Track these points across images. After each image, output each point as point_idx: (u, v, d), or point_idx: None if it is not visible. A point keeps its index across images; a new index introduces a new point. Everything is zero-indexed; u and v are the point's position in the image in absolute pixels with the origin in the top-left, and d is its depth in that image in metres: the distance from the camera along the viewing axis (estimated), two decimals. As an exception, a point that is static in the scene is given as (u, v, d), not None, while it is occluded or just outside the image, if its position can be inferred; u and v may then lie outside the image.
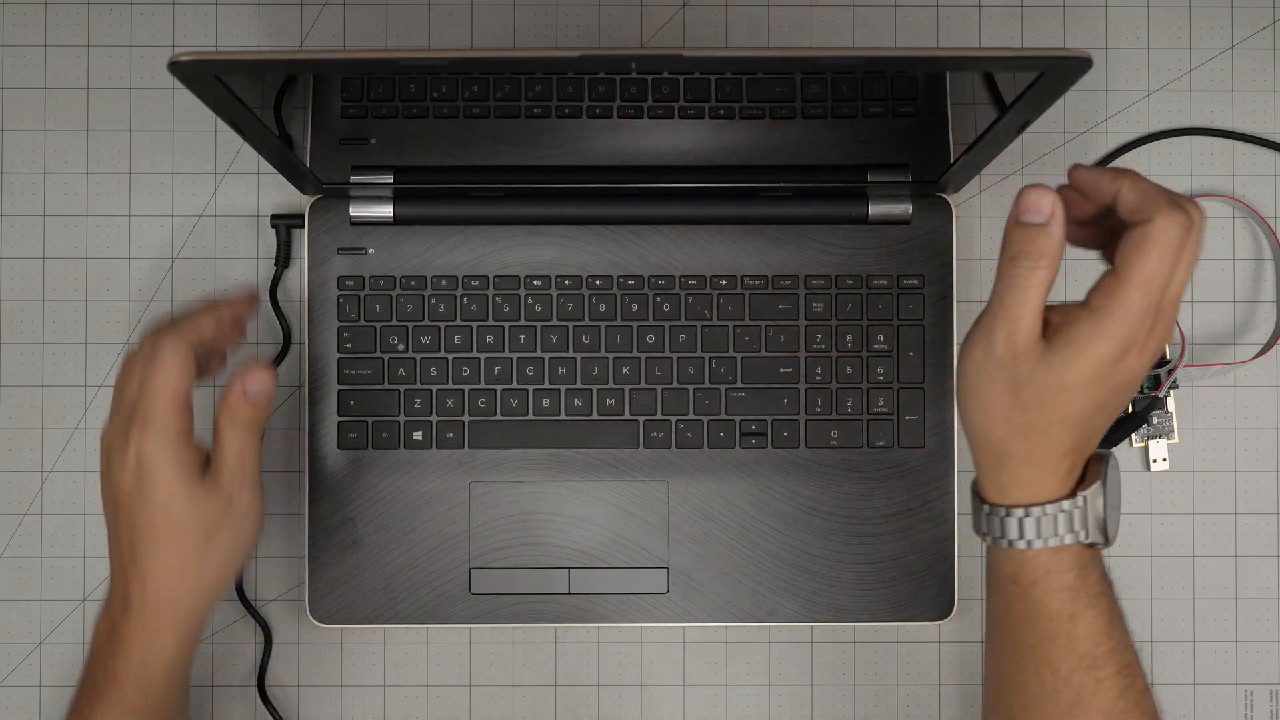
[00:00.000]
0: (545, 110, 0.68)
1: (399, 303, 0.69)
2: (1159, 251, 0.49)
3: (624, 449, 0.68)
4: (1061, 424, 0.52)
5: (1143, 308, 0.50)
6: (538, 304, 0.69)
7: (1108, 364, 0.51)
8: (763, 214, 0.68)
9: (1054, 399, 0.51)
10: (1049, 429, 0.52)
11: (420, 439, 0.68)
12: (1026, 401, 0.52)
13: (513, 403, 0.68)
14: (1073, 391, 0.51)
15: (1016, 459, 0.53)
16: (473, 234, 0.69)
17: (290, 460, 0.70)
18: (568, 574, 0.68)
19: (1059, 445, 0.53)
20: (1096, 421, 0.53)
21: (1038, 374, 0.51)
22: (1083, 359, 0.51)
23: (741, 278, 0.69)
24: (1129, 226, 0.51)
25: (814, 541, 0.68)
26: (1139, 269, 0.49)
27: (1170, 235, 0.49)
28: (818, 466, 0.68)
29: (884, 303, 0.69)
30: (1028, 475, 0.53)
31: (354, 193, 0.68)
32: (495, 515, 0.68)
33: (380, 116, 0.67)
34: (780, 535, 0.68)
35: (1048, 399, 0.51)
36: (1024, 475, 0.53)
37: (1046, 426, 0.52)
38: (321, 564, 0.68)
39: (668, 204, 0.68)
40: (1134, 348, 0.51)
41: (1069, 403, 0.51)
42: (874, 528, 0.68)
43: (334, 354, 0.69)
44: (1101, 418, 0.53)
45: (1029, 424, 0.52)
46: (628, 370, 0.69)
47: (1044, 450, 0.53)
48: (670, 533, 0.68)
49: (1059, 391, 0.51)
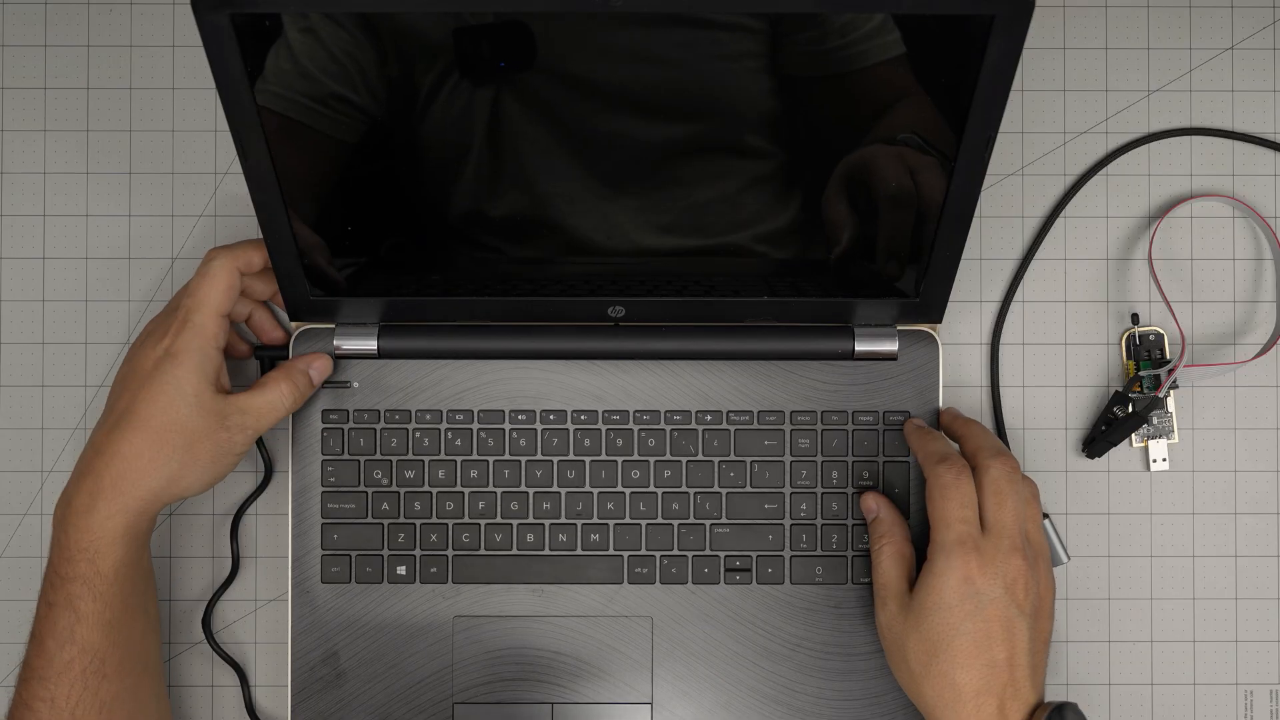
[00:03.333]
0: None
1: (383, 436, 0.69)
2: (937, 494, 0.61)
3: (608, 584, 0.68)
4: (951, 660, 0.59)
5: (954, 538, 0.59)
6: (522, 438, 0.69)
7: (955, 593, 0.59)
8: (748, 349, 0.68)
9: (933, 637, 0.59)
10: (948, 670, 0.59)
11: (404, 573, 0.68)
12: (917, 648, 0.60)
13: (497, 537, 0.68)
14: (941, 627, 0.59)
15: (940, 708, 0.59)
16: (457, 367, 0.69)
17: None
18: (551, 709, 0.68)
19: (965, 685, 0.58)
20: (998, 655, 0.58)
21: (909, 620, 0.61)
22: (931, 594, 0.60)
23: (727, 413, 0.69)
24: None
25: (797, 678, 0.68)
26: (933, 512, 0.61)
27: (940, 481, 0.61)
28: (802, 602, 0.68)
29: (870, 439, 0.69)
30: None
31: (339, 324, 0.68)
32: (479, 650, 0.68)
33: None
34: (764, 671, 0.68)
35: (928, 639, 0.59)
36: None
37: (944, 669, 0.59)
38: (305, 697, 0.68)
39: (653, 338, 0.68)
40: (974, 574, 0.59)
41: (948, 637, 0.59)
42: (857, 664, 0.68)
43: (318, 487, 0.68)
44: (998, 650, 0.58)
45: (929, 669, 0.59)
46: (612, 505, 0.68)
47: (952, 693, 0.59)
48: (654, 668, 0.68)
49: (933, 630, 0.59)
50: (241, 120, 0.57)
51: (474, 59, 0.55)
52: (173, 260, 0.71)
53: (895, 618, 0.62)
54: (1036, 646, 0.60)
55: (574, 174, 0.60)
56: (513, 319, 0.68)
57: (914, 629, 0.60)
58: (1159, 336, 0.70)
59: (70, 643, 0.60)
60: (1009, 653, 0.59)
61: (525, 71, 0.56)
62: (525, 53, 0.55)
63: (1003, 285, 0.71)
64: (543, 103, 0.57)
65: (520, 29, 0.54)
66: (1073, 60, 0.72)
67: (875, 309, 0.67)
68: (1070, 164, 0.72)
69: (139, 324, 0.71)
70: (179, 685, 0.70)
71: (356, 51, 0.55)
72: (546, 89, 0.56)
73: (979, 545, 0.59)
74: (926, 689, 0.59)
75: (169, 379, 0.61)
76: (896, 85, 0.56)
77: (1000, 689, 0.58)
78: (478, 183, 0.60)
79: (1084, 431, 0.71)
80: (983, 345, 0.71)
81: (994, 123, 0.57)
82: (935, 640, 0.59)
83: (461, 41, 0.55)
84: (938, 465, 0.62)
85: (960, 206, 0.60)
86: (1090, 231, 0.72)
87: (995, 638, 0.59)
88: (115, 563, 0.61)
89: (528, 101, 0.57)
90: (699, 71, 0.56)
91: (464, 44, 0.55)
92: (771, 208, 0.62)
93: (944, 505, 0.60)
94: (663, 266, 0.64)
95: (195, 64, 0.71)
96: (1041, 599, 0.61)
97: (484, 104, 0.57)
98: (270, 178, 0.59)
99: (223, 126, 0.71)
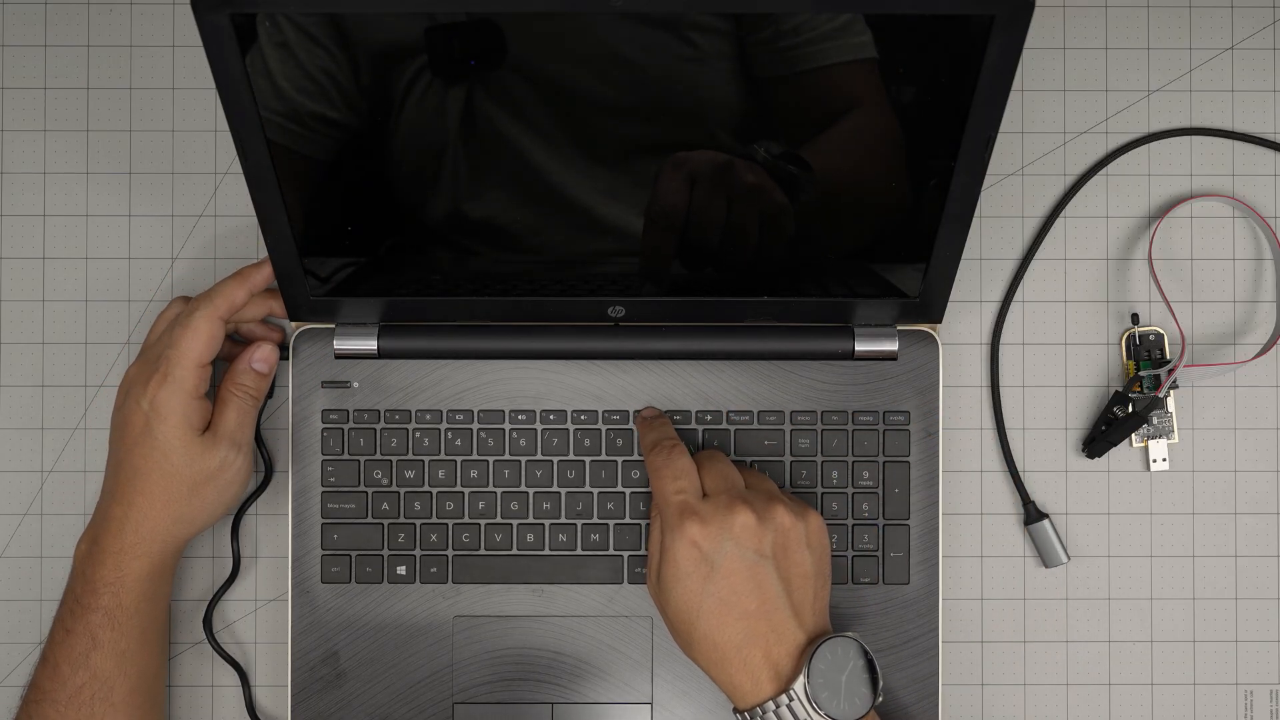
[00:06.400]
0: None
1: (383, 437, 0.69)
2: (653, 477, 0.63)
3: (608, 584, 0.68)
4: (707, 624, 0.59)
5: (673, 511, 0.60)
6: (522, 438, 0.69)
7: (688, 561, 0.59)
8: (748, 349, 0.68)
9: (685, 608, 0.59)
10: (707, 634, 0.59)
11: (404, 573, 0.68)
12: (676, 619, 0.60)
13: (497, 537, 0.68)
14: (687, 595, 0.59)
15: (710, 668, 0.60)
16: (457, 367, 0.69)
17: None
18: (551, 709, 0.68)
19: (726, 643, 0.58)
20: (749, 606, 0.58)
21: (662, 596, 0.61)
22: (668, 567, 0.60)
23: (727, 413, 0.69)
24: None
25: (797, 678, 0.68)
26: (654, 494, 0.62)
27: (653, 465, 0.62)
28: (802, 602, 0.68)
29: (870, 439, 0.69)
30: (728, 680, 0.59)
31: (339, 325, 0.68)
32: (479, 650, 0.68)
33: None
34: (764, 671, 0.68)
35: (681, 611, 0.59)
36: (726, 680, 0.59)
37: (704, 633, 0.59)
38: (305, 697, 0.68)
39: (653, 338, 0.68)
40: (698, 539, 0.59)
41: (696, 604, 0.59)
42: (858, 664, 0.68)
43: (318, 487, 0.68)
44: (747, 602, 0.58)
45: (692, 637, 0.59)
46: (612, 505, 0.68)
47: (717, 654, 0.59)
48: (654, 668, 0.68)
49: (681, 601, 0.59)
50: (241, 120, 0.57)
51: (445, 57, 0.55)
52: (173, 260, 0.71)
53: (655, 594, 0.62)
54: (795, 585, 0.59)
55: (552, 173, 0.60)
56: (512, 319, 0.68)
57: (667, 603, 0.60)
58: (1159, 336, 0.70)
59: (84, 668, 0.62)
60: (759, 601, 0.58)
61: (496, 69, 0.55)
62: (495, 50, 0.55)
63: (1003, 285, 0.72)
64: (516, 102, 0.57)
65: (490, 26, 0.54)
66: (1073, 60, 0.72)
67: (875, 309, 0.67)
68: (1070, 164, 0.72)
69: (139, 325, 0.71)
70: (179, 685, 0.70)
71: (332, 65, 0.56)
72: (519, 88, 0.56)
73: (699, 510, 0.60)
74: (696, 654, 0.60)
75: (159, 438, 0.63)
76: (870, 85, 0.57)
77: (762, 637, 0.58)
78: (470, 182, 0.60)
79: (1084, 431, 0.71)
80: (983, 345, 0.71)
81: (994, 123, 0.57)
82: (687, 610, 0.59)
83: (432, 39, 0.55)
84: (649, 451, 0.64)
85: (960, 206, 0.60)
86: (1090, 231, 0.72)
87: (740, 591, 0.58)
88: (138, 597, 0.64)
89: (502, 101, 0.57)
90: (667, 71, 0.56)
91: (434, 42, 0.55)
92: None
93: (659, 484, 0.62)
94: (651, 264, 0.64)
95: (195, 64, 0.71)
96: (789, 536, 0.60)
97: (456, 102, 0.57)
98: (270, 178, 0.59)
99: (223, 126, 0.71)
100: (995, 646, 0.71)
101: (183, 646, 0.71)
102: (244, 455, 0.66)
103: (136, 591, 0.63)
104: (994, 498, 0.71)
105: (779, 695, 0.57)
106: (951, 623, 0.70)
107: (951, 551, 0.70)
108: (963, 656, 0.71)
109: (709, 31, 0.55)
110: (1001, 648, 0.71)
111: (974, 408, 0.71)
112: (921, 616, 0.68)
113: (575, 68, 0.56)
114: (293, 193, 0.60)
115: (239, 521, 0.70)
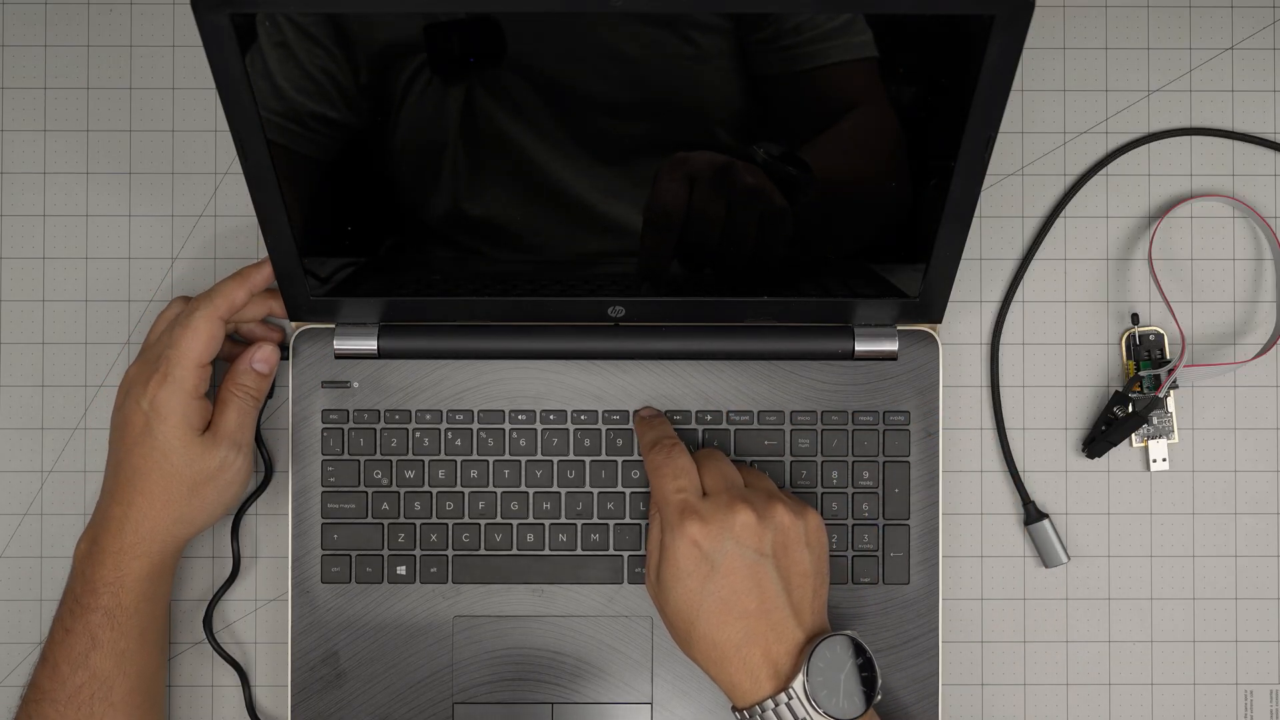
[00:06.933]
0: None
1: (383, 437, 0.69)
2: (653, 476, 0.63)
3: (608, 584, 0.68)
4: (707, 623, 0.59)
5: (674, 510, 0.60)
6: (522, 438, 0.69)
7: (688, 561, 0.59)
8: (748, 349, 0.68)
9: (684, 607, 0.59)
10: (707, 633, 0.59)
11: (404, 573, 0.68)
12: (675, 618, 0.60)
13: (496, 537, 0.68)
14: (687, 595, 0.59)
15: (709, 667, 0.59)
16: (457, 367, 0.69)
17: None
18: (551, 709, 0.68)
19: (726, 642, 0.58)
20: (748, 605, 0.58)
21: (662, 595, 0.61)
22: (668, 566, 0.60)
23: (727, 413, 0.69)
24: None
25: (797, 678, 0.68)
26: (654, 494, 0.62)
27: (653, 464, 0.62)
28: (802, 602, 0.68)
29: (870, 439, 0.69)
30: (727, 678, 0.59)
31: (339, 325, 0.68)
32: (479, 650, 0.68)
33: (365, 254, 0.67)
34: (764, 671, 0.68)
35: (681, 610, 0.59)
36: (725, 679, 0.59)
37: (704, 632, 0.59)
38: (305, 697, 0.68)
39: (653, 338, 0.68)
40: (699, 538, 0.59)
41: (696, 603, 0.59)
42: (858, 664, 0.68)
43: (318, 487, 0.68)
44: (747, 601, 0.58)
45: (691, 635, 0.59)
46: (612, 505, 0.68)
47: (716, 653, 0.59)
48: (654, 668, 0.68)
49: (681, 600, 0.59)
50: (241, 120, 0.57)
51: (444, 55, 0.55)
52: (173, 260, 0.71)
53: (654, 593, 0.62)
54: (795, 584, 0.60)
55: (551, 172, 0.60)
56: (512, 319, 0.68)
57: (666, 603, 0.60)
58: (1159, 336, 0.71)
59: (83, 668, 0.62)
60: (759, 600, 0.58)
61: (495, 67, 0.56)
62: (495, 48, 0.55)
63: (1003, 285, 0.72)
64: (516, 101, 0.57)
65: (489, 23, 0.54)
66: (1073, 60, 0.72)
67: (875, 309, 0.67)
68: (1070, 164, 0.72)
69: (139, 325, 0.71)
70: (179, 685, 0.70)
71: (332, 65, 0.56)
72: (518, 87, 0.56)
73: (699, 509, 0.60)
74: (695, 653, 0.60)
75: (159, 438, 0.63)
76: (870, 85, 0.57)
77: (761, 636, 0.58)
78: (470, 181, 0.60)
79: (1084, 431, 0.71)
80: (983, 345, 0.71)
81: (994, 123, 0.57)
82: (687, 609, 0.59)
83: (432, 37, 0.55)
84: (648, 450, 0.64)
85: (960, 206, 0.60)
86: (1090, 231, 0.72)
87: (740, 590, 0.59)
88: (138, 597, 0.64)
89: (502, 100, 0.57)
90: (668, 69, 0.56)
91: (434, 40, 0.55)
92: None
93: (659, 483, 0.62)
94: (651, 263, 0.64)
95: (195, 64, 0.71)
96: (788, 535, 0.60)
97: (456, 101, 0.57)
98: (270, 178, 0.59)
99: (223, 126, 0.71)
100: (995, 646, 0.71)
101: (183, 646, 0.71)
102: (244, 455, 0.66)
103: (136, 591, 0.64)
104: (994, 498, 0.71)
105: (778, 694, 0.57)
106: (951, 623, 0.70)
107: (951, 551, 0.70)
108: (963, 656, 0.71)
109: (709, 30, 0.55)
110: (1001, 648, 0.71)
111: (974, 408, 0.71)
112: (921, 616, 0.68)
113: (575, 66, 0.56)
114: (293, 193, 0.60)
115: (239, 521, 0.70)
